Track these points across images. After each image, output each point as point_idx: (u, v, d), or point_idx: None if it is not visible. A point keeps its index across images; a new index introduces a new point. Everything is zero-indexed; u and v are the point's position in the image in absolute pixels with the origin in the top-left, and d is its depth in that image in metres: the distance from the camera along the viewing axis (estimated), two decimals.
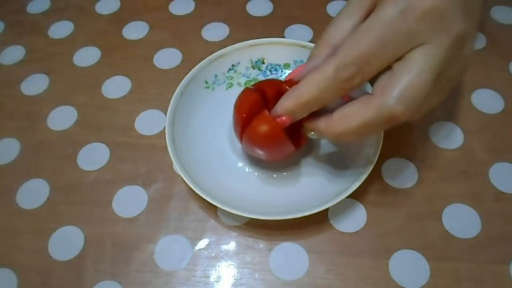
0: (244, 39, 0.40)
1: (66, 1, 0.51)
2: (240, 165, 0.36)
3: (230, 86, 0.40)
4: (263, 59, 0.40)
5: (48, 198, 0.36)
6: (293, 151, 0.32)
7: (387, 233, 0.32)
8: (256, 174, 0.35)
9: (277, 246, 0.32)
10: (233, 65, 0.40)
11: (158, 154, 0.37)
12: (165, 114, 0.36)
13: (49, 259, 0.33)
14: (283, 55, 0.40)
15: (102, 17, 0.49)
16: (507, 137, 0.37)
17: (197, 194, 0.32)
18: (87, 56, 0.45)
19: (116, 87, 0.42)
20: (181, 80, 0.37)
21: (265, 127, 0.30)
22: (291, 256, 0.32)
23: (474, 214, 0.33)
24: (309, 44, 0.38)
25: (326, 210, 0.33)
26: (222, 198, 0.32)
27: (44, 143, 0.39)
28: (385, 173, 0.35)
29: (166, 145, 0.34)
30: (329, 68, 0.26)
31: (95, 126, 0.40)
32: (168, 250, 0.33)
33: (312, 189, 0.33)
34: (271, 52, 0.40)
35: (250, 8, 0.48)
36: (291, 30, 0.45)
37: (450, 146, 0.37)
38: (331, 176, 0.34)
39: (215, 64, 0.39)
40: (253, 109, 0.31)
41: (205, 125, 0.37)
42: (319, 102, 0.27)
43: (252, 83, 0.35)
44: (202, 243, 0.33)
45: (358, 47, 0.26)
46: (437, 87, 0.26)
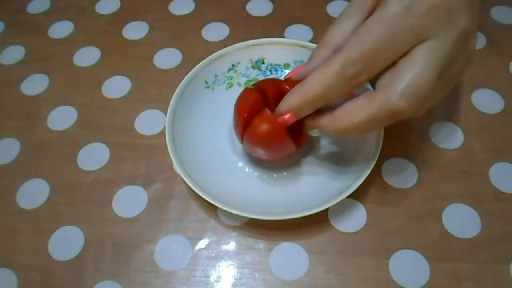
0: (244, 39, 0.40)
1: (66, 1, 0.51)
2: (240, 165, 0.36)
3: (230, 86, 0.40)
4: (263, 59, 0.40)
5: (48, 198, 0.36)
6: (294, 150, 0.32)
7: (387, 233, 0.32)
8: (256, 174, 0.35)
9: (277, 246, 0.32)
10: (233, 65, 0.40)
11: (158, 154, 0.37)
12: (165, 114, 0.36)
13: (49, 259, 0.33)
14: (283, 55, 0.40)
15: (102, 17, 0.49)
16: (507, 137, 0.37)
17: (197, 194, 0.32)
18: (87, 56, 0.45)
19: (116, 87, 0.42)
20: (181, 80, 0.37)
21: (267, 126, 0.30)
22: (291, 256, 0.32)
23: (474, 214, 0.33)
24: (309, 44, 0.38)
25: (326, 210, 0.33)
26: (222, 198, 0.32)
27: (44, 143, 0.39)
28: (385, 173, 0.35)
29: (166, 145, 0.34)
30: (335, 65, 0.26)
31: (95, 126, 0.40)
32: (168, 250, 0.33)
33: (312, 189, 0.33)
34: (271, 52, 0.40)
35: (250, 8, 0.48)
36: (291, 30, 0.45)
37: (450, 146, 0.37)
38: (331, 176, 0.34)
39: (215, 64, 0.39)
40: (254, 109, 0.31)
41: (205, 125, 0.37)
42: (325, 99, 0.27)
43: (252, 83, 0.35)
44: (202, 243, 0.33)
45: (364, 44, 0.25)
46: (441, 84, 0.26)
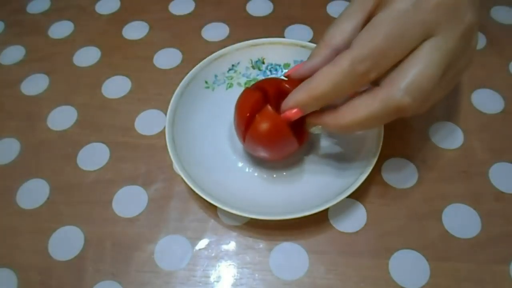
0: (244, 39, 0.40)
1: (66, 1, 0.51)
2: (240, 165, 0.36)
3: (230, 86, 0.40)
4: (263, 59, 0.40)
5: (48, 198, 0.36)
6: (297, 148, 0.32)
7: (387, 233, 0.32)
8: (256, 174, 0.35)
9: (277, 246, 0.32)
10: (233, 65, 0.40)
11: (158, 154, 0.37)
12: (165, 114, 0.36)
13: (49, 259, 0.33)
14: (283, 55, 0.40)
15: (102, 17, 0.49)
16: (507, 137, 0.37)
17: (197, 194, 0.32)
18: (87, 56, 0.45)
19: (116, 87, 0.42)
20: (181, 80, 0.37)
21: (269, 122, 0.30)
22: (291, 256, 0.32)
23: (474, 214, 0.33)
24: (309, 44, 0.38)
25: (326, 210, 0.33)
26: (222, 198, 0.32)
27: (44, 143, 0.39)
28: (385, 173, 0.35)
29: (166, 145, 0.34)
30: (344, 62, 0.26)
31: (95, 126, 0.40)
32: (168, 250, 0.33)
33: (312, 189, 0.33)
34: (271, 52, 0.40)
35: (250, 8, 0.48)
36: (291, 30, 0.45)
37: (450, 146, 0.37)
38: (331, 176, 0.34)
39: (215, 64, 0.39)
40: (256, 108, 0.31)
41: (205, 125, 0.37)
42: (333, 96, 0.27)
43: (252, 83, 0.35)
44: (202, 243, 0.33)
45: (374, 40, 0.25)
46: (444, 81, 0.27)
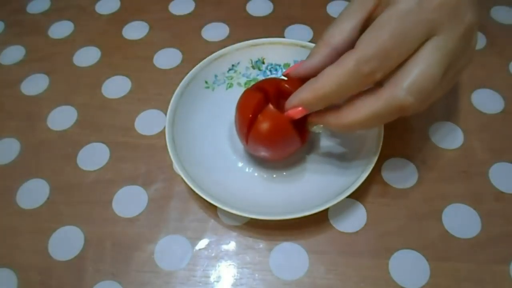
0: (244, 39, 0.40)
1: (66, 1, 0.51)
2: (240, 165, 0.36)
3: (230, 86, 0.40)
4: (263, 59, 0.40)
5: (48, 198, 0.36)
6: (299, 146, 0.32)
7: (387, 233, 0.32)
8: (256, 174, 0.35)
9: (277, 246, 0.32)
10: (233, 65, 0.40)
11: (158, 154, 0.37)
12: (165, 114, 0.36)
13: (49, 259, 0.33)
14: (283, 55, 0.40)
15: (102, 17, 0.49)
16: (507, 137, 0.37)
17: (197, 194, 0.32)
18: (87, 56, 0.45)
19: (116, 87, 0.42)
20: (181, 80, 0.37)
21: (272, 121, 0.30)
22: (291, 256, 0.32)
23: (474, 214, 0.33)
24: (309, 44, 0.38)
25: (326, 210, 0.33)
26: (222, 198, 0.32)
27: (44, 143, 0.39)
28: (385, 173, 0.35)
29: (166, 145, 0.34)
30: (350, 62, 0.26)
31: (95, 126, 0.40)
32: (168, 250, 0.33)
33: (312, 189, 0.33)
34: (271, 52, 0.40)
35: (250, 8, 0.48)
36: (291, 30, 0.45)
37: (450, 146, 0.37)
38: (331, 176, 0.34)
39: (215, 64, 0.39)
40: (258, 109, 0.31)
41: (205, 125, 0.37)
42: (337, 96, 0.27)
43: (252, 83, 0.35)
44: (202, 243, 0.33)
45: (379, 40, 0.25)
46: (445, 80, 0.27)
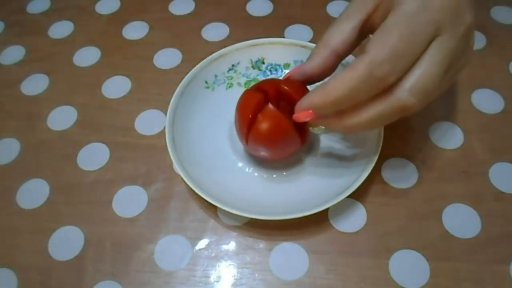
0: (244, 39, 0.40)
1: (66, 1, 0.51)
2: (240, 165, 0.36)
3: (230, 86, 0.40)
4: (263, 59, 0.40)
5: (48, 198, 0.36)
6: (299, 146, 0.32)
7: (387, 233, 0.32)
8: (256, 174, 0.35)
9: (277, 246, 0.32)
10: (233, 65, 0.40)
11: (158, 154, 0.37)
12: (165, 114, 0.36)
13: (49, 259, 0.33)
14: (283, 55, 0.40)
15: (102, 17, 0.49)
16: (507, 137, 0.37)
17: (197, 194, 0.32)
18: (87, 56, 0.45)
19: (116, 87, 0.42)
20: (181, 80, 0.37)
21: (272, 120, 0.30)
22: (291, 256, 0.32)
23: (474, 214, 0.33)
24: (309, 44, 0.38)
25: (326, 210, 0.33)
26: (222, 198, 0.32)
27: (44, 143, 0.39)
28: (385, 173, 0.35)
29: (166, 145, 0.34)
30: (362, 66, 0.25)
31: (95, 126, 0.40)
32: (168, 250, 0.33)
33: (312, 189, 0.33)
34: (271, 52, 0.40)
35: (250, 8, 0.48)
36: (291, 30, 0.45)
37: (450, 146, 0.37)
38: (331, 176, 0.34)
39: (215, 64, 0.39)
40: (258, 109, 0.31)
41: (205, 125, 0.37)
42: (348, 101, 0.27)
43: (252, 83, 0.35)
44: (202, 243, 0.33)
45: (389, 43, 0.25)
46: (445, 79, 0.27)
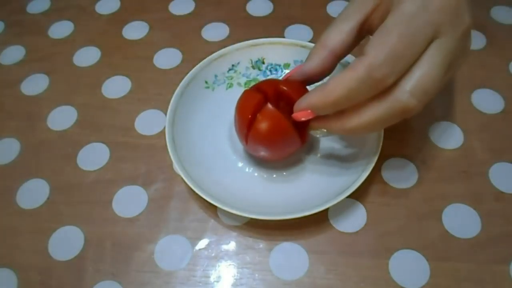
0: (244, 39, 0.40)
1: (66, 1, 0.51)
2: (240, 165, 0.36)
3: (230, 86, 0.40)
4: (263, 59, 0.40)
5: (48, 198, 0.36)
6: (299, 145, 0.32)
7: (387, 233, 0.32)
8: (256, 174, 0.35)
9: (277, 246, 0.32)
10: (233, 65, 0.40)
11: (158, 154, 0.37)
12: (165, 114, 0.36)
13: (49, 259, 0.33)
14: (283, 55, 0.40)
15: (102, 17, 0.49)
16: (507, 137, 0.37)
17: (197, 194, 0.32)
18: (87, 56, 0.45)
19: (116, 87, 0.42)
20: (181, 80, 0.37)
21: (271, 120, 0.30)
22: (291, 256, 0.32)
23: (474, 214, 0.33)
24: (309, 44, 0.38)
25: (326, 210, 0.33)
26: (222, 198, 0.32)
27: (44, 143, 0.39)
28: (385, 173, 0.35)
29: (166, 145, 0.34)
30: (361, 68, 0.25)
31: (95, 126, 0.40)
32: (168, 250, 0.33)
33: (312, 189, 0.33)
34: (271, 52, 0.40)
35: (250, 8, 0.48)
36: (291, 30, 0.45)
37: (450, 146, 0.37)
38: (331, 176, 0.34)
39: (215, 64, 0.39)
40: (257, 109, 0.31)
41: (205, 125, 0.37)
42: (347, 102, 0.27)
43: (252, 83, 0.35)
44: (202, 243, 0.33)
45: (389, 44, 0.25)
46: (444, 79, 0.27)
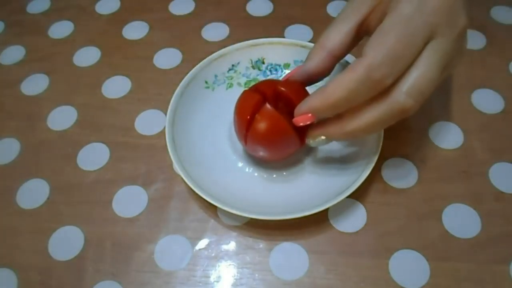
0: (244, 39, 0.40)
1: (66, 1, 0.50)
2: (240, 165, 0.36)
3: (230, 86, 0.40)
4: (263, 59, 0.40)
5: (48, 198, 0.36)
6: (298, 146, 0.32)
7: (387, 233, 0.32)
8: (256, 174, 0.35)
9: (277, 246, 0.32)
10: (233, 65, 0.40)
11: (158, 154, 0.37)
12: (165, 114, 0.36)
13: (49, 259, 0.33)
14: (283, 55, 0.40)
15: (102, 17, 0.49)
16: (507, 137, 0.37)
17: (197, 194, 0.32)
18: (87, 56, 0.45)
19: (116, 87, 0.42)
20: (181, 80, 0.37)
21: (269, 120, 0.30)
22: (291, 256, 0.32)
23: (474, 214, 0.33)
24: (309, 44, 0.38)
25: (326, 210, 0.33)
26: (222, 198, 0.32)
27: (44, 143, 0.39)
28: (385, 173, 0.35)
29: (166, 145, 0.34)
30: (360, 69, 0.26)
31: (95, 126, 0.40)
32: (168, 250, 0.33)
33: (312, 189, 0.33)
34: (271, 52, 0.40)
35: (250, 8, 0.48)
36: (291, 30, 0.45)
37: (450, 146, 0.37)
38: (331, 176, 0.34)
39: (215, 64, 0.39)
40: (256, 110, 0.31)
41: (205, 125, 0.37)
42: (348, 103, 0.27)
43: (252, 83, 0.35)
44: (202, 243, 0.33)
45: (387, 45, 0.25)
46: (440, 79, 0.27)
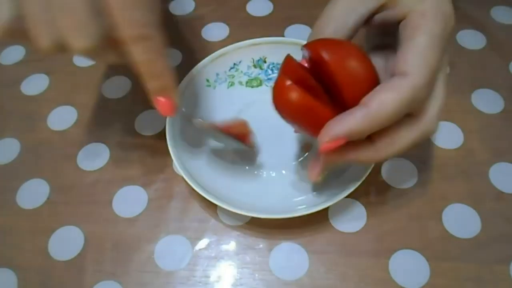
0: (244, 39, 0.40)
1: None
2: (240, 165, 0.36)
3: (232, 85, 0.40)
4: (265, 58, 0.40)
5: (48, 198, 0.36)
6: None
7: (387, 233, 0.32)
8: (256, 173, 0.35)
9: (277, 246, 0.32)
10: (235, 64, 0.40)
11: (158, 154, 0.37)
12: None
13: (49, 259, 0.33)
14: (285, 54, 0.39)
15: None
16: (507, 137, 0.37)
17: (197, 194, 0.32)
18: None
19: (116, 87, 0.42)
20: (181, 80, 0.37)
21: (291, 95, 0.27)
22: (291, 256, 0.32)
23: (474, 214, 0.33)
24: None
25: (326, 210, 0.33)
26: (222, 197, 0.32)
27: (44, 143, 0.39)
28: (385, 173, 0.35)
29: (166, 145, 0.34)
30: (407, 89, 0.24)
31: (95, 126, 0.40)
32: (168, 250, 0.33)
33: (312, 189, 0.33)
34: (273, 51, 0.40)
35: (250, 8, 0.48)
36: (291, 30, 0.45)
37: (450, 146, 0.37)
38: (331, 176, 0.34)
39: (217, 63, 0.39)
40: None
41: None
42: (389, 123, 0.25)
43: (254, 82, 0.35)
44: (202, 243, 0.33)
45: (431, 66, 0.25)
46: None
